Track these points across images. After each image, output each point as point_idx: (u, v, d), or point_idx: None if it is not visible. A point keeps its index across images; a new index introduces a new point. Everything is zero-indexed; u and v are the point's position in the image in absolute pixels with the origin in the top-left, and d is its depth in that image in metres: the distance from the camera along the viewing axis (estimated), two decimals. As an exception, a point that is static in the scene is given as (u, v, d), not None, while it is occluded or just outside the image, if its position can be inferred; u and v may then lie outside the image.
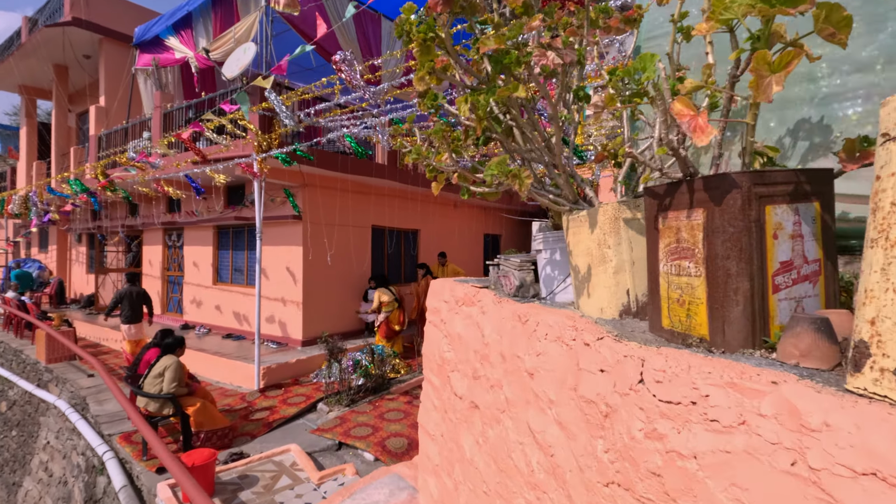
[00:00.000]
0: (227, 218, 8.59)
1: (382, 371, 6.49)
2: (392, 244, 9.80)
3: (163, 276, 10.91)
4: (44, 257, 16.09)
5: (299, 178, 7.64)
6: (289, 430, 5.32)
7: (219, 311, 9.31)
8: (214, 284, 9.48)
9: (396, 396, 6.11)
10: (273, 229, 8.27)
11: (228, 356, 7.17)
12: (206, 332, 9.16)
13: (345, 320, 8.59)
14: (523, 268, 1.78)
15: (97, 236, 11.60)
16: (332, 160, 7.53)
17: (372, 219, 9.10)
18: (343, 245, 8.46)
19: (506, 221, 13.90)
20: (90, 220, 12.59)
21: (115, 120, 10.52)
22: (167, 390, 4.54)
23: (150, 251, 11.28)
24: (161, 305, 10.85)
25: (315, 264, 7.94)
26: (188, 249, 10.12)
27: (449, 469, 2.40)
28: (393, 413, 5.56)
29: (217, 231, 9.60)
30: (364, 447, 4.70)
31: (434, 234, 10.80)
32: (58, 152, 12.80)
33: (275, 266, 8.22)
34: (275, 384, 6.57)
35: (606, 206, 1.20)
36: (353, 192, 8.61)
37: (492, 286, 2.18)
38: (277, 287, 8.17)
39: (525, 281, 1.76)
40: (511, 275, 1.82)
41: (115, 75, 10.84)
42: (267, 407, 5.88)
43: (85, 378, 7.54)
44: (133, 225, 11.11)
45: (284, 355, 7.24)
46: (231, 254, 9.33)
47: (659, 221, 0.96)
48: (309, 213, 7.87)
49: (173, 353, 4.78)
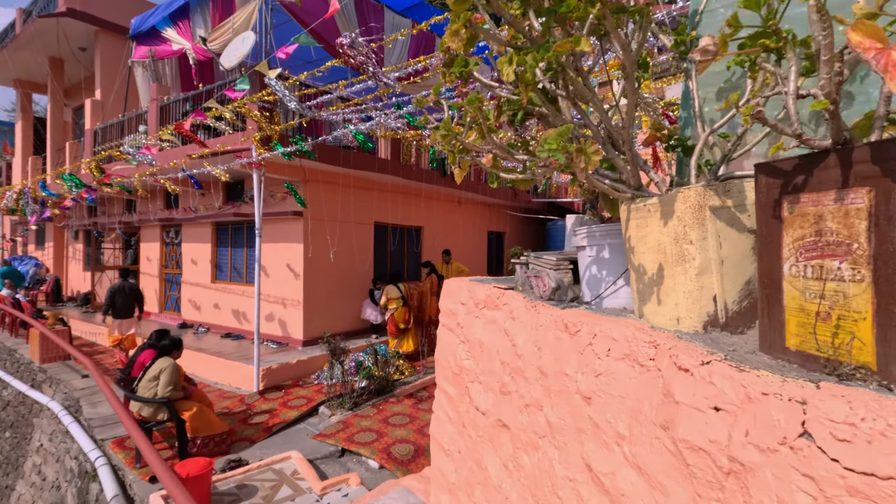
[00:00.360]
0: (226, 214, 8.35)
1: (386, 373, 6.27)
2: (395, 241, 9.57)
3: (160, 274, 10.68)
4: (41, 254, 15.85)
5: (300, 172, 7.40)
6: (289, 435, 5.09)
7: (218, 309, 9.09)
8: (213, 283, 9.25)
9: (401, 399, 5.89)
10: (273, 226, 8.03)
11: (227, 356, 6.94)
12: (205, 332, 8.93)
13: (347, 320, 8.37)
14: (560, 267, 1.55)
15: (93, 233, 11.36)
16: (333, 155, 7.29)
17: (374, 215, 8.86)
18: (345, 242, 8.22)
19: (510, 219, 13.66)
20: (87, 217, 12.35)
21: (112, 114, 10.27)
22: (162, 394, 4.31)
23: (147, 248, 11.05)
24: (159, 304, 10.63)
25: (316, 262, 7.71)
26: (186, 246, 9.88)
27: (468, 490, 2.17)
28: (398, 417, 5.34)
29: (216, 228, 9.36)
30: (368, 454, 4.47)
31: (438, 232, 10.57)
32: (53, 147, 12.54)
33: (275, 264, 7.98)
34: (275, 386, 6.35)
35: (688, 192, 0.96)
36: (356, 187, 8.38)
37: (518, 287, 1.95)
38: (278, 285, 7.94)
39: (563, 282, 1.53)
40: (545, 275, 1.59)
41: (111, 68, 10.58)
42: (267, 410, 5.65)
43: (79, 379, 7.31)
44: (130, 221, 10.87)
45: (285, 355, 7.01)
46: (230, 251, 9.10)
47: (784, 208, 0.72)
48: (310, 209, 7.63)
49: (169, 356, 4.55)
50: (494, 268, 13.07)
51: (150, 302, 10.88)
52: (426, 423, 5.17)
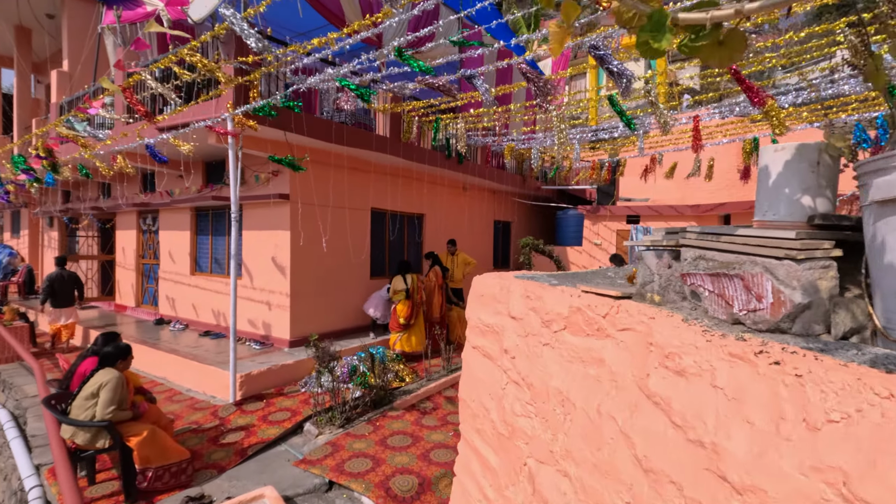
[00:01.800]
0: (205, 198, 7.41)
1: (384, 380, 5.40)
2: (395, 230, 8.65)
3: (137, 265, 9.75)
4: (16, 243, 14.90)
5: (286, 150, 6.46)
6: (267, 461, 4.22)
7: (197, 304, 8.18)
8: (193, 274, 8.34)
9: (402, 413, 5.02)
10: (256, 211, 7.11)
11: (203, 359, 6.05)
12: (183, 328, 8.04)
13: (341, 316, 7.48)
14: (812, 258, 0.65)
15: (63, 220, 10.40)
16: (325, 129, 6.35)
17: (372, 200, 7.94)
18: (339, 230, 7.31)
19: (518, 207, 12.74)
20: (60, 203, 11.38)
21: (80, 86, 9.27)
22: (101, 416, 3.42)
23: (123, 236, 10.11)
24: (135, 297, 9.72)
25: (306, 252, 6.80)
26: (164, 234, 8.95)
27: None
28: (398, 438, 4.47)
29: (195, 214, 8.43)
30: (362, 490, 3.60)
31: (441, 220, 9.66)
32: (20, 125, 11.52)
33: (259, 254, 7.07)
34: (255, 395, 5.47)
35: None
36: (350, 168, 7.44)
37: (651, 296, 1.04)
38: (262, 278, 7.04)
39: (817, 294, 0.63)
40: (764, 277, 0.69)
41: (80, 36, 9.54)
42: (243, 426, 4.78)
43: (34, 384, 6.41)
44: (104, 207, 9.91)
45: (268, 358, 6.13)
46: (211, 239, 8.18)
47: None
48: (299, 193, 6.70)
49: (113, 367, 3.65)
50: (501, 261, 12.18)
51: (125, 295, 9.97)
52: (432, 446, 4.30)
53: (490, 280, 1.53)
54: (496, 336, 1.45)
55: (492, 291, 1.48)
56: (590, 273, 1.66)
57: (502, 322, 1.42)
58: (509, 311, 1.34)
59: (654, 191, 11.43)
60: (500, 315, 1.45)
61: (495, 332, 1.46)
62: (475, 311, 1.56)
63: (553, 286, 1.23)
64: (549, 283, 1.27)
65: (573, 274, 1.63)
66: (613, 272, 1.77)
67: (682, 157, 10.01)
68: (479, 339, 1.53)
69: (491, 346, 1.47)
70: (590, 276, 1.46)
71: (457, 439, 4.46)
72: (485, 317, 1.52)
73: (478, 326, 1.56)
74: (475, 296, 1.58)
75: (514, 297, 1.33)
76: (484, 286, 1.56)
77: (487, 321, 1.50)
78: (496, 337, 1.45)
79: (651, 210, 9.74)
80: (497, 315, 1.46)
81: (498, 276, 1.48)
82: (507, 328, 1.35)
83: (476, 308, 1.59)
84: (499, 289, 1.42)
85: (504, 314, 1.40)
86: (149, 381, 6.23)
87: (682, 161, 10.06)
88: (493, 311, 1.49)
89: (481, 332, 1.54)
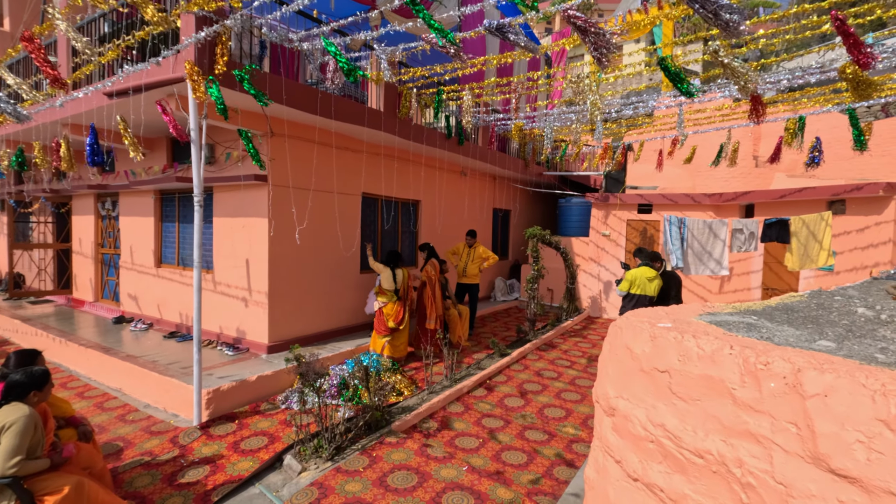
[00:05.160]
0: (170, 179, 6.39)
1: (381, 397, 4.55)
2: (388, 218, 7.74)
3: (96, 255, 8.67)
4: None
5: (262, 123, 5.48)
6: (236, 509, 3.35)
7: (163, 301, 7.20)
8: (158, 267, 7.33)
9: (402, 440, 4.17)
10: (227, 194, 6.13)
11: (164, 369, 5.12)
12: (146, 329, 7.05)
13: (328, 316, 6.58)
14: None
15: (9, 203, 9.22)
16: (309, 98, 5.38)
17: (363, 185, 7.00)
18: (325, 217, 6.37)
19: (519, 195, 11.88)
20: (12, 185, 10.16)
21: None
22: (2, 472, 2.51)
23: (79, 223, 9.00)
24: (94, 291, 8.66)
25: (286, 242, 5.87)
26: (125, 221, 7.90)
27: None
28: (400, 475, 3.63)
29: (160, 198, 7.39)
30: (358, 558, 2.76)
31: (437, 207, 8.76)
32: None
33: (231, 244, 6.11)
34: (225, 415, 4.58)
35: None
36: (339, 147, 6.48)
37: None
38: (234, 272, 6.09)
39: None
40: None
41: (24, -9, 8.32)
42: (208, 458, 3.89)
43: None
44: (59, 189, 8.77)
45: (242, 368, 5.22)
46: (178, 227, 7.17)
47: None
48: (278, 174, 5.74)
49: (22, 401, 2.72)
50: (500, 252, 11.35)
51: (83, 288, 8.90)
52: (443, 487, 3.48)
53: (662, 337, 1.09)
54: (658, 443, 0.73)
55: (659, 353, 1.11)
56: (813, 306, 0.84)
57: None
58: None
59: (661, 178, 10.66)
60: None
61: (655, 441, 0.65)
62: (611, 386, 1.08)
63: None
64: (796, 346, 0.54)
65: (791, 311, 0.83)
66: (869, 308, 0.98)
67: (700, 141, 9.24)
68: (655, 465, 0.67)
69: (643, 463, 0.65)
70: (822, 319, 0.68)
71: (471, 475, 3.64)
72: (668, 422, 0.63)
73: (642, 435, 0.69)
74: (614, 357, 1.09)
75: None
76: (637, 340, 1.29)
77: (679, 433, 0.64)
78: (659, 444, 0.71)
79: (665, 199, 8.99)
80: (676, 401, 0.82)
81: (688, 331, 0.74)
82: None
83: (634, 389, 0.76)
84: (681, 350, 0.99)
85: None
86: (100, 393, 5.27)
87: (702, 146, 9.29)
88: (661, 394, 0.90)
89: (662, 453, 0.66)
